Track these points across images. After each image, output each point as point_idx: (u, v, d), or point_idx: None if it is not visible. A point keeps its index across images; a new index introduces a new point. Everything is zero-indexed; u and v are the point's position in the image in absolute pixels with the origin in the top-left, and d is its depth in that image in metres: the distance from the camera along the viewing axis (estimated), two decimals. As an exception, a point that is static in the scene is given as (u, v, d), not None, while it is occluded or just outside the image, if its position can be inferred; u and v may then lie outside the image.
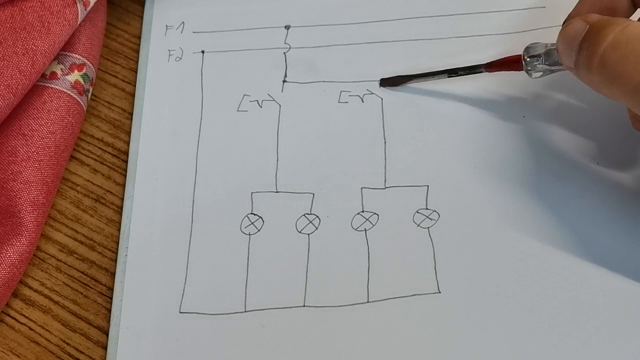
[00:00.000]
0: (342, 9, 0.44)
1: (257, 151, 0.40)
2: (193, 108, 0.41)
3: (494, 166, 0.38)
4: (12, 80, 0.37)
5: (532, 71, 0.36)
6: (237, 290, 0.36)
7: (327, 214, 0.37)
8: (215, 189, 0.39)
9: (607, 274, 0.34)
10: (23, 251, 0.36)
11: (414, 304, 0.35)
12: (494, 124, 0.39)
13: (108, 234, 0.39)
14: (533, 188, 0.37)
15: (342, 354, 0.34)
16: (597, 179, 0.37)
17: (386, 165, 0.39)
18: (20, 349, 0.36)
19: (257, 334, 0.35)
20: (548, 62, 0.35)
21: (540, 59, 0.35)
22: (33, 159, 0.37)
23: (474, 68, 0.39)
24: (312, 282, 0.36)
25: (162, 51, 0.44)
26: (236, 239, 0.37)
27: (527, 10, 0.43)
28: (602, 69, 0.30)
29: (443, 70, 0.39)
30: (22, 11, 0.38)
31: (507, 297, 0.34)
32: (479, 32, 0.42)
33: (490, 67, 0.38)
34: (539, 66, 0.36)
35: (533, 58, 0.36)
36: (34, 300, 0.37)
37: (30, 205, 0.37)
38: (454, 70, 0.39)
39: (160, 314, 0.35)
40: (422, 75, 0.40)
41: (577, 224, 0.36)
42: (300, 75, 0.42)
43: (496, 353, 0.33)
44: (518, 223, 0.36)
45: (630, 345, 0.33)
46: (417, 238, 0.36)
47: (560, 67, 0.35)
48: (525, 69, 0.36)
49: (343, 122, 0.40)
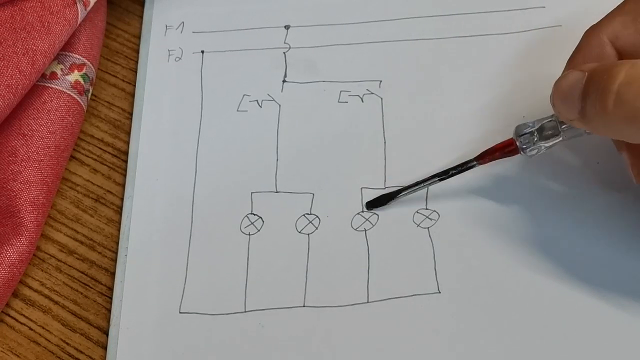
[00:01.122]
0: (342, 9, 0.44)
1: (257, 151, 0.40)
2: (193, 108, 0.41)
3: (494, 166, 0.38)
4: (12, 80, 0.37)
5: (528, 149, 0.34)
6: (237, 290, 0.36)
7: (327, 214, 0.37)
8: (215, 189, 0.39)
9: (607, 274, 0.34)
10: (23, 251, 0.36)
11: (414, 304, 0.35)
12: (494, 124, 0.39)
13: (108, 234, 0.39)
14: (533, 188, 0.37)
15: (342, 354, 0.34)
16: (596, 182, 0.37)
17: (386, 165, 0.39)
18: (20, 349, 0.36)
19: (257, 334, 0.35)
20: (541, 136, 0.34)
21: (534, 136, 0.34)
22: (33, 159, 0.37)
23: (465, 164, 0.36)
24: (312, 282, 0.36)
25: (162, 51, 0.44)
26: (236, 239, 0.37)
27: (527, 10, 0.43)
28: (619, 106, 0.29)
29: (433, 176, 0.36)
30: (22, 11, 0.38)
31: (507, 297, 0.34)
32: (479, 32, 0.42)
33: (483, 159, 0.36)
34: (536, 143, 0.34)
35: (525, 136, 0.34)
36: (34, 300, 0.37)
37: (30, 205, 0.37)
38: (446, 172, 0.36)
39: (160, 314, 0.35)
40: (413, 186, 0.37)
41: (577, 224, 0.36)
42: (300, 75, 0.42)
43: (496, 353, 0.33)
44: (518, 223, 0.36)
45: (630, 346, 0.33)
46: (417, 238, 0.36)
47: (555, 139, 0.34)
48: (521, 150, 0.34)
49: (343, 122, 0.40)
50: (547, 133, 0.34)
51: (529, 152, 0.34)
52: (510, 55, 0.41)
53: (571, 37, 0.40)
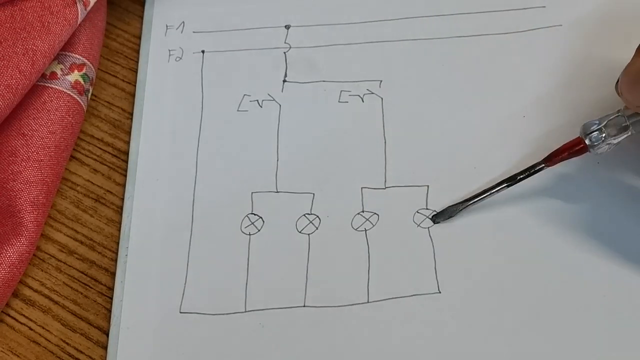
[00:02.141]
0: (342, 8, 0.44)
1: (257, 151, 0.40)
2: (193, 108, 0.41)
3: (494, 166, 0.38)
4: (12, 80, 0.37)
5: (598, 147, 0.34)
6: (237, 290, 0.36)
7: (327, 214, 0.37)
8: (215, 189, 0.39)
9: (607, 274, 0.34)
10: (23, 251, 0.36)
11: (414, 304, 0.35)
12: (494, 124, 0.39)
13: (108, 234, 0.39)
14: (533, 188, 0.37)
15: (342, 354, 0.34)
16: (596, 178, 0.37)
17: (386, 165, 0.39)
18: (20, 349, 0.36)
19: (257, 334, 0.35)
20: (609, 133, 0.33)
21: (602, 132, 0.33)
22: (33, 159, 0.37)
23: (533, 168, 0.35)
24: (312, 282, 0.36)
25: (162, 51, 0.44)
26: (236, 239, 0.37)
27: (527, 10, 0.43)
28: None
29: (501, 182, 0.36)
30: (22, 11, 0.38)
31: (507, 297, 0.34)
32: (479, 32, 0.42)
33: (551, 160, 0.35)
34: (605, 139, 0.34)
35: (594, 134, 0.34)
36: (34, 300, 0.37)
37: (30, 205, 0.37)
38: (513, 177, 0.36)
39: (160, 314, 0.35)
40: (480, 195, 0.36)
41: (577, 224, 0.36)
42: (300, 75, 0.42)
43: (496, 353, 0.33)
44: (518, 223, 0.36)
45: (630, 345, 0.33)
46: (417, 238, 0.36)
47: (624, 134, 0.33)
48: (590, 149, 0.34)
49: (343, 122, 0.40)
50: (614, 129, 0.33)
51: (599, 149, 0.34)
52: (511, 55, 0.41)
53: (571, 37, 0.40)
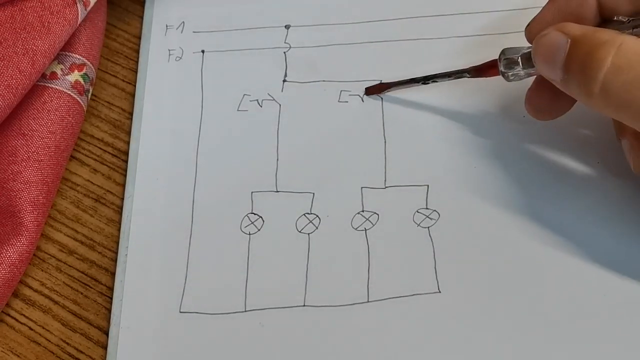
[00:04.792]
0: (342, 8, 0.44)
1: (257, 151, 0.40)
2: (193, 108, 0.42)
3: (494, 166, 0.38)
4: (12, 80, 0.37)
5: (509, 76, 0.35)
6: (237, 290, 0.36)
7: (327, 214, 0.37)
8: (215, 189, 0.39)
9: (607, 274, 0.34)
10: (23, 251, 0.36)
11: (414, 303, 0.35)
12: (494, 123, 0.39)
13: (108, 234, 0.39)
14: (533, 188, 0.37)
15: (342, 354, 0.34)
16: (597, 179, 0.37)
17: (386, 165, 0.39)
18: (20, 349, 0.36)
19: (257, 333, 0.35)
20: (526, 66, 0.34)
21: (519, 64, 0.34)
22: (33, 159, 0.37)
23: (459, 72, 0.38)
24: (312, 282, 0.36)
25: (162, 51, 0.44)
26: (236, 238, 0.37)
27: (527, 10, 0.43)
28: (605, 96, 0.29)
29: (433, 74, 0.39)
30: (22, 11, 0.38)
31: (507, 297, 0.34)
32: (479, 31, 0.42)
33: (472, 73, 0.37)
34: (519, 72, 0.35)
35: (508, 62, 0.35)
36: (34, 300, 0.37)
37: (30, 205, 0.37)
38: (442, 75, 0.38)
39: (160, 313, 0.35)
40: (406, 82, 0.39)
41: (577, 224, 0.36)
42: (300, 74, 0.42)
43: (496, 353, 0.33)
44: (518, 223, 0.36)
45: (630, 345, 0.33)
46: (417, 238, 0.36)
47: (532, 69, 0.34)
48: (501, 73, 0.35)
49: (343, 121, 0.40)
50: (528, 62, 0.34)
51: (510, 78, 0.35)
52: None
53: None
